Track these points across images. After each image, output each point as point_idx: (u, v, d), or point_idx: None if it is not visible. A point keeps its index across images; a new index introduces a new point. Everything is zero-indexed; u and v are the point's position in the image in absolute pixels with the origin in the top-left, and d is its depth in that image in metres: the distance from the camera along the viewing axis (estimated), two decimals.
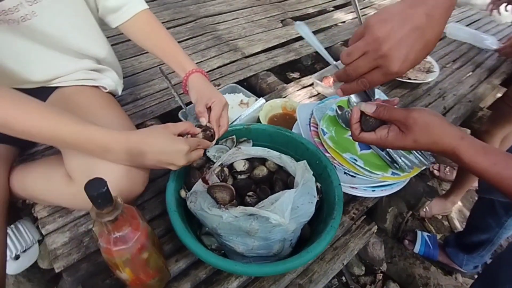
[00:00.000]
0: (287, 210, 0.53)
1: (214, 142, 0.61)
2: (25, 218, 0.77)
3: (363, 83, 0.45)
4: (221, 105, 0.63)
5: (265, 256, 0.56)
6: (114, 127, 0.60)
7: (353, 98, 0.53)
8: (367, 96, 0.51)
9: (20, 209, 0.81)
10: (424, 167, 0.69)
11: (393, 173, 0.66)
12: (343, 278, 1.11)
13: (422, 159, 0.68)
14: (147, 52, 1.11)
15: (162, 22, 1.30)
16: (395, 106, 0.50)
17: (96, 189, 0.39)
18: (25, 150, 0.76)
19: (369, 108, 0.49)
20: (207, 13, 1.41)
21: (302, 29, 0.54)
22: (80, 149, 0.50)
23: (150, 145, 0.51)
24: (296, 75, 1.29)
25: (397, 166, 0.67)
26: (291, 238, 0.57)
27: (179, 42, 1.19)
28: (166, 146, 0.52)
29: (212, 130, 0.60)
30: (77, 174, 0.55)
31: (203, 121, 0.60)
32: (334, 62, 0.53)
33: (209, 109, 0.62)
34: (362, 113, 0.51)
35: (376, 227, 0.69)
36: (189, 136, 0.57)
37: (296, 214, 0.54)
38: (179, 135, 0.55)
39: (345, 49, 0.47)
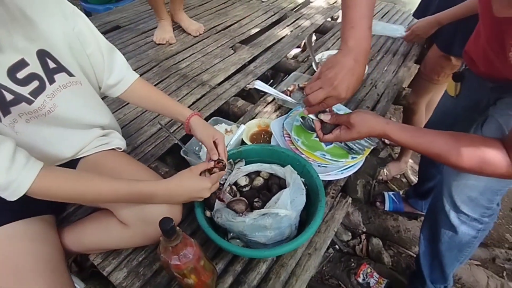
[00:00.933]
0: (288, 204, 0.74)
1: (226, 169, 0.80)
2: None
3: (322, 106, 0.69)
4: (223, 140, 0.83)
5: (280, 241, 0.77)
6: (143, 177, 0.78)
7: (311, 115, 0.77)
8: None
9: None
10: (372, 147, 0.94)
11: (352, 157, 0.91)
12: (337, 246, 1.35)
13: (369, 142, 0.93)
14: (127, 104, 1.27)
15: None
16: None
17: (167, 225, 0.57)
18: (58, 216, 0.89)
19: (326, 118, 0.74)
20: (166, 55, 1.57)
21: (258, 84, 0.78)
22: (133, 201, 0.68)
23: (184, 187, 0.71)
24: (251, 85, 1.51)
25: (354, 152, 0.92)
26: (295, 223, 0.79)
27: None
28: (196, 186, 0.72)
29: (223, 161, 0.79)
30: (131, 219, 0.72)
31: (216, 156, 0.79)
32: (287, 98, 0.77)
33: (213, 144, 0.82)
34: (321, 121, 0.75)
35: (350, 199, 0.94)
36: (206, 173, 0.76)
37: (295, 205, 0.76)
38: (201, 173, 0.74)
39: (308, 83, 0.73)
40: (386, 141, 2.00)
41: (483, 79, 0.91)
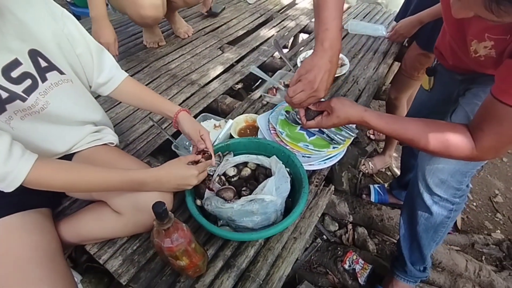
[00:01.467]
0: (273, 191, 0.79)
1: (213, 159, 0.85)
2: None
3: (304, 105, 0.78)
4: (209, 135, 0.88)
5: (267, 225, 0.82)
6: (135, 168, 0.82)
7: None
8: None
9: None
10: (352, 138, 1.01)
11: (333, 147, 0.97)
12: (324, 236, 1.41)
13: (350, 133, 1.00)
14: (119, 103, 1.30)
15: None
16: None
17: (159, 208, 0.62)
18: (55, 210, 0.93)
19: (314, 106, 0.82)
20: (156, 56, 1.62)
21: (255, 69, 0.83)
22: (124, 189, 0.73)
23: (173, 174, 0.76)
24: (240, 85, 1.57)
25: (335, 142, 0.98)
26: (280, 209, 0.84)
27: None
28: (183, 173, 0.77)
29: (208, 152, 0.84)
30: (124, 208, 0.76)
31: (202, 145, 0.85)
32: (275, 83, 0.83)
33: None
34: (305, 109, 0.82)
35: (333, 187, 0.99)
36: (194, 162, 0.81)
37: (280, 192, 0.81)
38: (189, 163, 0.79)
39: (290, 88, 0.78)
40: (371, 136, 2.07)
41: (453, 72, 0.98)
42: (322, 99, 0.81)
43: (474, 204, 1.79)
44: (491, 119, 0.64)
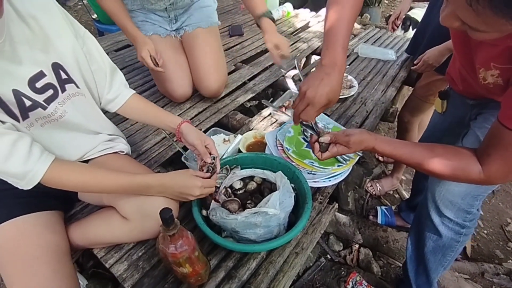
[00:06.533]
0: (277, 205, 0.82)
1: (218, 169, 0.89)
2: None
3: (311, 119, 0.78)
4: (213, 143, 0.91)
5: (269, 239, 0.84)
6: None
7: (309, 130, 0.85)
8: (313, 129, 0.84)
9: None
10: (357, 157, 1.02)
11: (338, 165, 0.99)
12: (328, 256, 1.40)
13: (352, 154, 1.01)
14: None
15: (138, 86, 1.58)
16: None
17: (166, 214, 0.64)
18: (67, 213, 0.97)
19: (326, 139, 0.81)
20: None
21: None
22: (131, 191, 0.78)
23: (176, 181, 0.80)
24: (252, 103, 1.62)
25: (340, 161, 1.00)
26: (284, 223, 0.86)
27: (157, 101, 1.48)
28: (186, 183, 0.80)
29: (214, 163, 0.88)
30: (132, 214, 0.79)
31: (209, 159, 0.88)
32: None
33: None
34: (318, 142, 0.81)
35: (337, 205, 1.00)
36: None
37: (283, 206, 0.83)
38: None
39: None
40: (380, 158, 2.07)
41: (464, 97, 0.99)
42: (331, 124, 0.83)
43: (485, 231, 1.74)
44: (497, 144, 0.65)
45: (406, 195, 1.84)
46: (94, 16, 2.82)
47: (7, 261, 0.75)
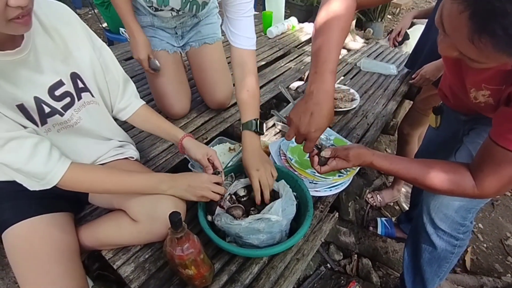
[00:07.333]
0: (279, 212, 0.85)
1: (223, 177, 0.93)
2: None
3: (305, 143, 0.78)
4: (216, 155, 0.96)
5: (272, 244, 0.87)
6: None
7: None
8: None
9: None
10: (357, 169, 1.06)
11: (339, 175, 1.03)
12: (328, 265, 1.42)
13: None
14: None
15: (146, 95, 1.63)
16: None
17: (175, 217, 0.68)
18: (77, 215, 1.00)
19: (327, 154, 0.83)
20: None
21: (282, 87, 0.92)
22: (145, 189, 0.83)
23: (186, 177, 0.86)
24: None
25: (341, 171, 1.03)
26: (285, 230, 0.89)
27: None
28: (197, 177, 0.87)
29: (218, 172, 0.93)
30: (141, 216, 0.83)
31: (210, 171, 0.93)
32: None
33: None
34: (318, 156, 0.84)
35: (337, 214, 1.04)
36: None
37: (285, 213, 0.87)
38: None
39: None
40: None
41: (457, 112, 1.03)
42: (333, 135, 0.87)
43: (485, 245, 1.75)
44: (489, 160, 0.68)
45: (406, 207, 1.86)
46: (104, 25, 2.90)
47: (21, 259, 0.79)
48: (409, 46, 2.20)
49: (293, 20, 2.56)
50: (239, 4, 1.06)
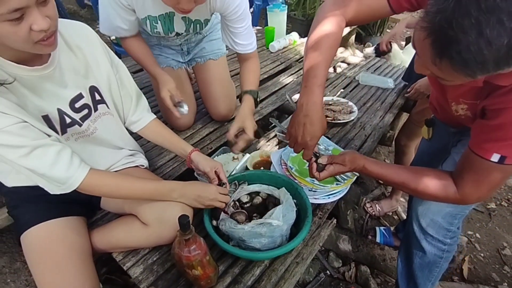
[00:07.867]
0: (280, 217, 0.91)
1: (228, 187, 0.99)
2: None
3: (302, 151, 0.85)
4: (222, 167, 1.02)
5: (273, 248, 0.92)
6: None
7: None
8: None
9: None
10: (355, 177, 1.12)
11: (337, 184, 1.08)
12: (328, 272, 1.46)
13: (350, 174, 1.11)
14: None
15: (153, 107, 1.70)
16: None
17: (184, 220, 0.74)
18: (89, 219, 1.06)
19: (324, 160, 0.90)
20: None
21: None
22: (157, 196, 0.89)
23: (196, 185, 0.93)
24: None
25: (338, 179, 1.09)
26: (286, 234, 0.94)
27: None
28: (205, 186, 0.93)
29: (223, 183, 0.99)
30: (151, 221, 0.89)
31: (216, 182, 0.99)
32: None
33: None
34: (316, 163, 0.90)
35: (335, 220, 1.09)
36: None
37: (286, 219, 0.92)
38: None
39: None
40: (380, 180, 2.15)
41: (446, 125, 1.10)
42: (331, 146, 0.93)
43: (482, 255, 1.79)
44: (469, 168, 0.74)
45: (405, 216, 1.90)
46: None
47: (39, 260, 0.85)
48: (405, 61, 2.29)
49: (294, 35, 2.66)
50: (237, 20, 1.22)
